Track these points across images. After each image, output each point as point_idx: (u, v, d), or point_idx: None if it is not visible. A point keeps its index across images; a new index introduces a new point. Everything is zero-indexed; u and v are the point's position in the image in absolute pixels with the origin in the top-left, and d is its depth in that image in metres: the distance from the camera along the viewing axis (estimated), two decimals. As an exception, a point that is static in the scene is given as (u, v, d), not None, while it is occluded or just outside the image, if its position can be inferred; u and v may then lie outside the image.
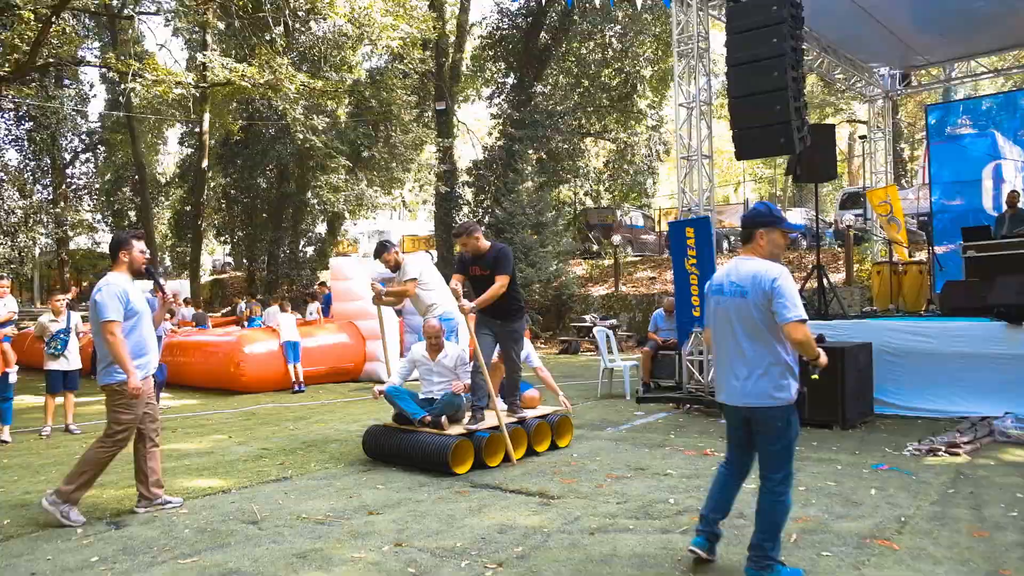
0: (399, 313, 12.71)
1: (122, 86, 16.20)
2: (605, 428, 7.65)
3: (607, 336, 9.99)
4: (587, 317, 17.82)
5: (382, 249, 7.23)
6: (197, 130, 25.03)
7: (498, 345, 6.27)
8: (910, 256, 13.30)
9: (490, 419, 6.07)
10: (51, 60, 14.11)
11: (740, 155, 8.09)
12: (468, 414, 6.08)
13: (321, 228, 28.39)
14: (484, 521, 4.54)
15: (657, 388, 10.15)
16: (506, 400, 6.46)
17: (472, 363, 6.20)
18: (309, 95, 16.07)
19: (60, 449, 7.22)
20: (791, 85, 7.44)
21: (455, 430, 5.86)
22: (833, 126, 10.12)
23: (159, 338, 11.94)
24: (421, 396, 6.27)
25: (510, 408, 6.37)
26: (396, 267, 7.16)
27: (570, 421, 6.80)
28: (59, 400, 8.27)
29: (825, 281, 9.08)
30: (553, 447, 6.54)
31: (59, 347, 8.20)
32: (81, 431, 8.16)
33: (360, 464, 6.21)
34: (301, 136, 17.94)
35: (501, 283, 6.02)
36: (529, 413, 6.45)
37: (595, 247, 22.55)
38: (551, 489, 5.24)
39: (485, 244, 6.17)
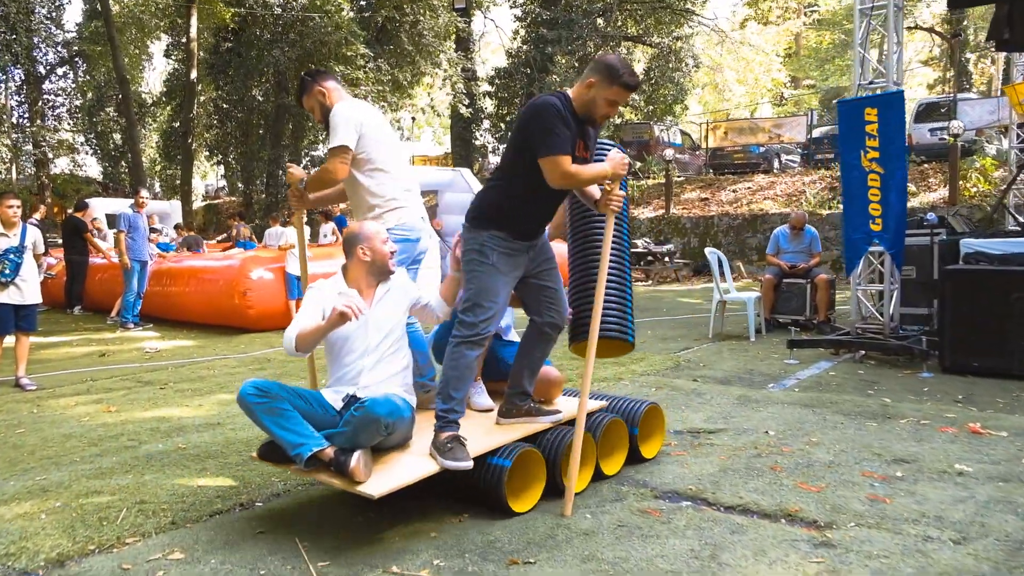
0: (440, 236, 10.44)
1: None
2: (765, 385, 5.51)
3: (719, 260, 7.78)
4: (637, 242, 15.60)
5: (302, 88, 3.72)
6: (184, 40, 22.26)
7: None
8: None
9: (481, 437, 3.13)
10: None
11: (955, 1, 5.75)
12: (439, 435, 2.99)
13: (323, 150, 25.91)
14: (747, 591, 2.41)
15: (777, 326, 8.08)
16: (520, 388, 3.38)
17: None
18: None
19: (1, 416, 5.05)
20: None
21: (403, 472, 2.85)
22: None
23: (144, 263, 9.90)
24: (332, 390, 3.13)
25: (516, 407, 3.35)
26: (325, 121, 3.64)
27: (661, 412, 3.79)
28: (9, 342, 6.14)
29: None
30: (632, 458, 3.61)
31: (7, 271, 6.04)
32: (37, 386, 6.00)
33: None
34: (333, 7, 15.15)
35: None
36: (566, 409, 3.46)
37: (638, 164, 20.08)
38: (798, 505, 3.10)
39: None
